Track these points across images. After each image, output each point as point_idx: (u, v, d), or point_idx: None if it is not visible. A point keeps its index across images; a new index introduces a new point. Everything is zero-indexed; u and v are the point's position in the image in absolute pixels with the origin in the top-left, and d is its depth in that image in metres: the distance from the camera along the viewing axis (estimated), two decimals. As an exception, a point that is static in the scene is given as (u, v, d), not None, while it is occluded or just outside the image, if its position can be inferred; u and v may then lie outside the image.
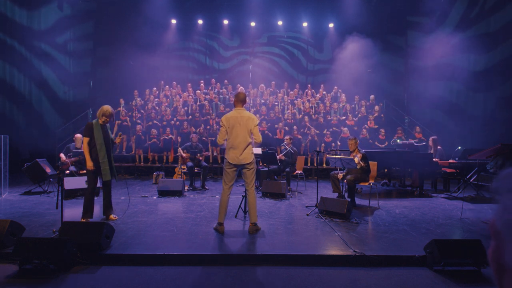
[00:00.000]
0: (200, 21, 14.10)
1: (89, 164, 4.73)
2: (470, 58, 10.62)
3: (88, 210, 4.78)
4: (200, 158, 7.77)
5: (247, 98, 11.70)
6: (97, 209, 5.29)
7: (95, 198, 6.25)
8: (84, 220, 4.67)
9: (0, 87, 9.86)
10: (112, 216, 4.95)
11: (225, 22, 14.17)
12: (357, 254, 3.62)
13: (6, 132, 7.04)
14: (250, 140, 4.42)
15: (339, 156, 5.80)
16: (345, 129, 10.33)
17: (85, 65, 13.07)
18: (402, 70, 13.67)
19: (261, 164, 7.62)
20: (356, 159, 5.97)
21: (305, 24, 14.22)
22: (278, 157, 7.38)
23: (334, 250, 3.78)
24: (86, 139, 4.76)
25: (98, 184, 5.85)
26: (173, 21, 13.91)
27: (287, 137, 7.89)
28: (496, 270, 0.57)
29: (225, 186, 4.44)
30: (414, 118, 11.90)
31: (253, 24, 14.23)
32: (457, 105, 11.21)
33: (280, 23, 14.20)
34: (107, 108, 4.90)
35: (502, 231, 0.55)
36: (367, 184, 6.09)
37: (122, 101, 11.39)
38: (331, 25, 14.15)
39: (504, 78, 9.57)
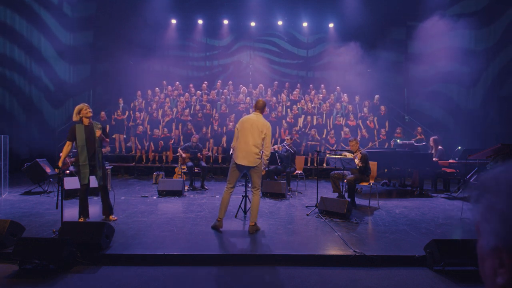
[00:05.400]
0: (200, 21, 14.09)
1: (60, 163, 4.65)
2: (470, 53, 10.61)
3: (82, 210, 4.73)
4: (201, 157, 7.76)
5: (248, 98, 11.84)
6: (98, 210, 5.30)
7: (95, 198, 6.32)
8: (82, 220, 4.66)
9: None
10: (111, 217, 4.94)
11: (225, 22, 14.17)
12: (357, 254, 3.62)
13: (6, 132, 7.04)
14: (260, 146, 4.37)
15: (339, 156, 5.80)
16: (347, 129, 10.32)
17: (85, 74, 13.02)
18: (402, 69, 13.64)
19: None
20: (356, 160, 5.98)
21: (305, 24, 14.22)
22: (273, 147, 7.45)
23: (334, 250, 3.78)
24: (68, 143, 4.82)
25: (95, 185, 5.84)
26: (173, 21, 13.89)
27: (287, 137, 7.90)
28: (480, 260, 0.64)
29: (228, 185, 4.49)
30: (414, 118, 11.88)
31: (253, 24, 14.23)
32: (457, 105, 11.20)
33: (280, 23, 14.20)
34: (77, 107, 4.86)
35: (479, 222, 0.65)
36: (367, 184, 6.09)
37: (121, 101, 11.37)
38: (331, 25, 14.15)
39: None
